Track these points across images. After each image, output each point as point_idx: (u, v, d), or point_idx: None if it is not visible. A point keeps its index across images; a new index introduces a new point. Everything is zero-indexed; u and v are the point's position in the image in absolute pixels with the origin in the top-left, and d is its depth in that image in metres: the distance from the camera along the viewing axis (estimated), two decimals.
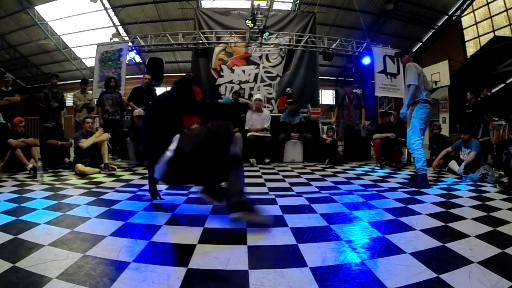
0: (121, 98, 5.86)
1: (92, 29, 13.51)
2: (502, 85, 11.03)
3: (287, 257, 1.45)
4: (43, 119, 5.35)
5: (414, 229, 1.84)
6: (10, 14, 11.67)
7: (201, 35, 8.66)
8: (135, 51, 8.66)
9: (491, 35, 11.18)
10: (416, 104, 3.35)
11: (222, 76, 9.46)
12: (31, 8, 11.79)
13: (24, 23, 12.40)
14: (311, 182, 3.49)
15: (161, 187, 3.06)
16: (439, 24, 13.22)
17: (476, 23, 12.00)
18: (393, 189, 3.10)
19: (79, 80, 6.70)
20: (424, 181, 3.20)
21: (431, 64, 11.75)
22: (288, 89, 7.80)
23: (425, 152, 3.41)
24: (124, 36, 11.66)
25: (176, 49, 13.35)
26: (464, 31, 12.53)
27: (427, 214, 2.16)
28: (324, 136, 5.83)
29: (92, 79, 8.38)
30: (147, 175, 3.85)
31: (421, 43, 14.49)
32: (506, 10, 10.62)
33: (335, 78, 17.24)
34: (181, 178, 1.95)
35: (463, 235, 1.73)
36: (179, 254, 1.48)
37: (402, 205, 2.45)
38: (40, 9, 12.14)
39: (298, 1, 11.64)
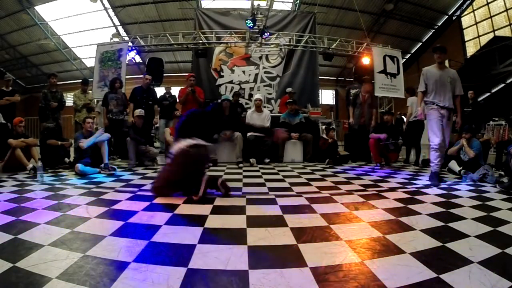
0: (126, 98, 5.83)
1: (92, 29, 13.53)
2: (502, 85, 11.04)
3: (287, 257, 1.45)
4: (43, 119, 5.34)
5: (414, 229, 1.84)
6: (10, 14, 11.68)
7: (201, 35, 8.67)
8: (135, 51, 8.66)
9: (491, 35, 11.19)
10: None
11: (222, 76, 9.47)
12: (31, 8, 11.80)
13: (24, 23, 12.42)
14: (311, 182, 3.49)
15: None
16: (439, 24, 13.23)
17: (476, 23, 12.02)
18: (393, 189, 3.10)
19: (79, 80, 6.71)
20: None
21: (431, 64, 11.74)
22: (288, 89, 7.79)
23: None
24: (124, 36, 11.67)
25: (176, 49, 13.37)
26: (464, 31, 12.55)
27: (427, 214, 2.15)
28: (324, 136, 5.81)
29: (92, 79, 8.39)
30: (147, 175, 3.88)
31: (421, 43, 14.50)
32: (506, 10, 10.63)
33: (335, 78, 17.25)
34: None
35: (463, 235, 1.73)
36: (179, 254, 1.47)
37: (402, 205, 2.44)
38: (40, 9, 12.15)
39: (298, 1, 11.65)
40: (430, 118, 3.65)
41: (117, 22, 13.12)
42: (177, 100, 6.35)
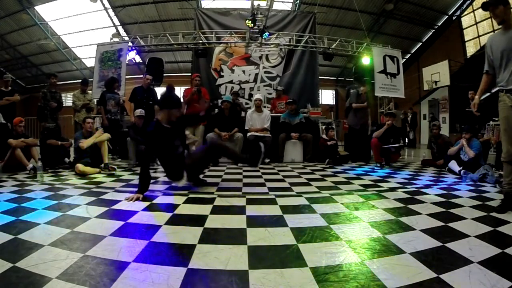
0: (120, 101, 5.93)
1: (92, 29, 13.50)
2: None
3: (287, 257, 1.45)
4: (42, 119, 5.35)
5: (414, 229, 1.84)
6: (10, 14, 11.66)
7: (201, 35, 8.67)
8: (135, 51, 8.66)
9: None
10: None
11: (222, 76, 9.47)
12: (31, 8, 11.78)
13: (24, 23, 12.40)
14: (311, 182, 3.49)
15: (159, 187, 3.07)
16: (439, 24, 13.21)
17: (476, 23, 11.98)
18: (393, 189, 3.10)
19: (79, 80, 6.70)
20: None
21: (431, 64, 11.75)
22: (278, 87, 7.81)
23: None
24: (124, 36, 11.66)
25: (176, 49, 13.36)
26: (464, 31, 12.51)
27: (427, 214, 2.16)
28: (324, 136, 5.81)
29: (92, 79, 8.38)
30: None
31: (421, 43, 14.49)
32: None
33: (335, 78, 17.24)
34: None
35: (463, 235, 1.73)
36: (179, 254, 1.47)
37: (402, 205, 2.45)
38: (40, 9, 12.13)
39: (298, 1, 11.65)
40: (501, 116, 2.41)
41: (117, 22, 13.10)
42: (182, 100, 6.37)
